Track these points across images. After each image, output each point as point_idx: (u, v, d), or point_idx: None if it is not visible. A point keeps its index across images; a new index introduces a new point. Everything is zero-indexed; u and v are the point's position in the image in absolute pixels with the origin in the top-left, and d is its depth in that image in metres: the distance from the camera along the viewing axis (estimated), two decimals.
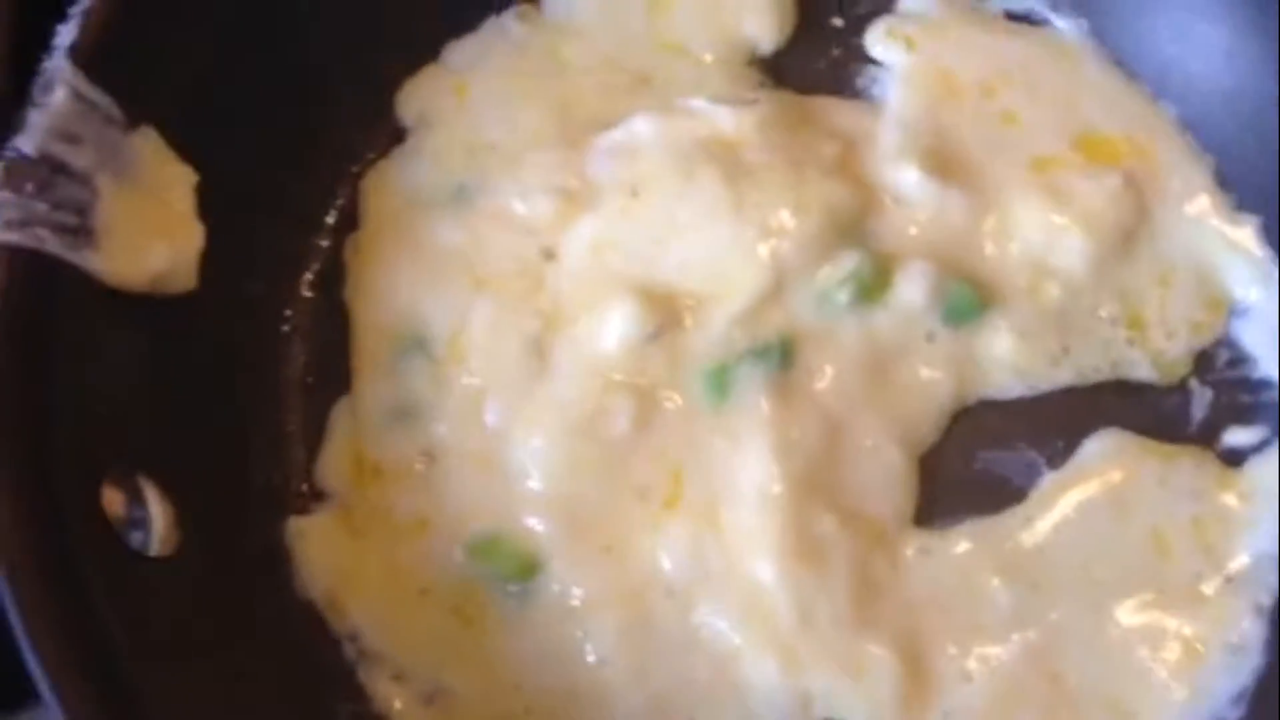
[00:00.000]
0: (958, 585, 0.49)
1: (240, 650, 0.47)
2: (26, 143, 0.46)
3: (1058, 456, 0.52)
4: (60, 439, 0.44)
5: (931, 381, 0.53)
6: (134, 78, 0.48)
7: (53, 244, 0.46)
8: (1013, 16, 0.59)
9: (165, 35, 0.50)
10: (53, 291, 0.46)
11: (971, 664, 0.48)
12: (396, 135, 0.57)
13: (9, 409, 0.43)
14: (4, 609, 0.41)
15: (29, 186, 0.46)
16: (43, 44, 0.48)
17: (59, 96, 0.46)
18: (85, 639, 0.41)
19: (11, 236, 0.45)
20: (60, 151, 0.47)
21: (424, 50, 0.58)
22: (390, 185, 0.57)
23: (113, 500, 0.45)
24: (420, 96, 0.58)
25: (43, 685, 0.40)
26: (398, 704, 0.48)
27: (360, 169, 0.57)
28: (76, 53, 0.47)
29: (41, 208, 0.46)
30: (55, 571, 0.42)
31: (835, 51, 0.59)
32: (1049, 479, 0.52)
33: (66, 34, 0.47)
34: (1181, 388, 0.54)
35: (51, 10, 0.48)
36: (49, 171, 0.46)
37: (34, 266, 0.45)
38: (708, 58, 0.58)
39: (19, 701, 0.42)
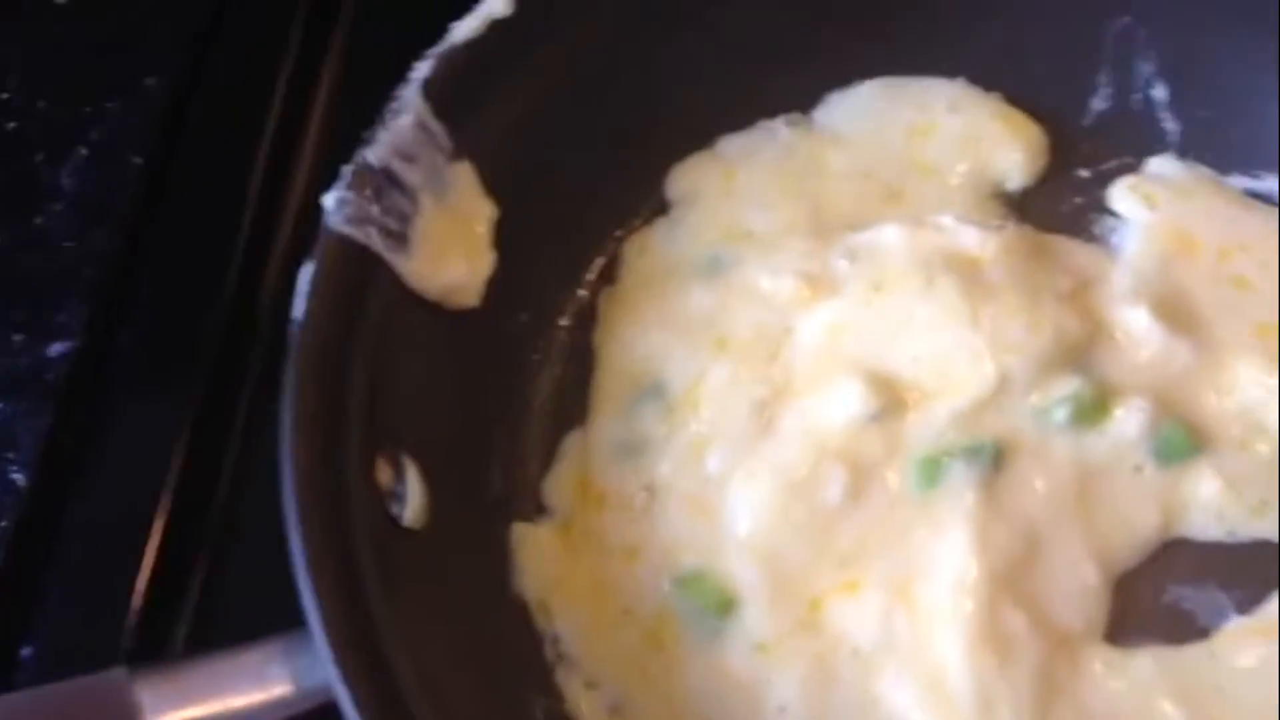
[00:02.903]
0: (1135, 703, 0.51)
1: (459, 627, 0.51)
2: (373, 155, 0.53)
3: (1246, 603, 0.54)
4: (355, 406, 0.50)
5: (1135, 512, 0.55)
6: (467, 116, 0.56)
7: (376, 242, 0.53)
8: (1253, 194, 0.62)
9: (500, 84, 0.57)
10: (370, 280, 0.53)
11: None
12: (661, 207, 0.64)
13: (322, 369, 0.50)
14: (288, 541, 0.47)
15: (368, 191, 0.53)
16: (395, 77, 0.56)
17: (406, 121, 0.54)
18: (348, 580, 0.47)
19: (347, 229, 0.52)
20: (398, 167, 0.54)
21: (701, 138, 0.64)
22: (650, 250, 0.63)
23: (383, 471, 0.51)
24: (690, 176, 0.64)
25: (309, 610, 0.45)
26: (586, 708, 0.52)
27: (624, 233, 0.63)
28: (428, 87, 0.54)
29: (374, 210, 0.53)
30: (333, 517, 0.48)
31: (1078, 200, 0.64)
32: (1235, 623, 0.53)
33: (422, 70, 0.55)
34: None
35: (393, 48, 0.56)
36: (385, 182, 0.54)
37: (358, 256, 0.52)
38: (956, 183, 0.63)
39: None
